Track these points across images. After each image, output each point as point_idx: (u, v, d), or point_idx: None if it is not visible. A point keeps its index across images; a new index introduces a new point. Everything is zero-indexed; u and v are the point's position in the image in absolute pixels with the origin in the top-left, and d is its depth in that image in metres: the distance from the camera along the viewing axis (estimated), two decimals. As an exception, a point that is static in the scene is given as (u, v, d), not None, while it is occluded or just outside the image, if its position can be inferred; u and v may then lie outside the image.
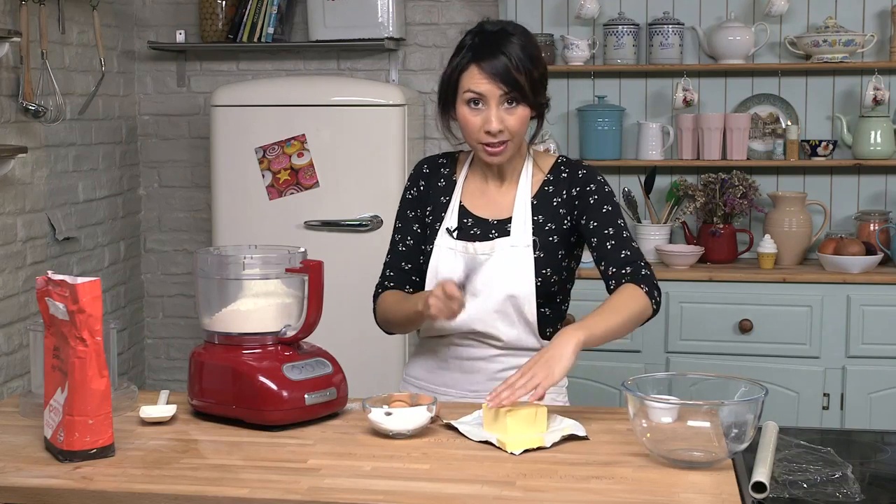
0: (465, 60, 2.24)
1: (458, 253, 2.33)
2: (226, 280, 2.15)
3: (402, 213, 2.46)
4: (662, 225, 4.16)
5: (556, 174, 2.37)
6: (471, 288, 2.22)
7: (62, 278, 1.90)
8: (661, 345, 3.85)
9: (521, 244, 2.30)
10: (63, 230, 4.00)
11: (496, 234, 2.33)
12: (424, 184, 2.44)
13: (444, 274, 2.30)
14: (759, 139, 4.22)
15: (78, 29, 4.11)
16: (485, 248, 2.31)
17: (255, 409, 2.06)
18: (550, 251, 2.31)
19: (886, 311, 3.75)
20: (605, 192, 2.34)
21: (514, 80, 2.21)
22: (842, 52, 4.01)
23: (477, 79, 2.22)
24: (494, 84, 2.21)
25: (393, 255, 2.44)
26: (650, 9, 4.25)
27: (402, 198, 2.47)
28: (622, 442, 1.98)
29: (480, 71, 2.22)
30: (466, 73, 2.24)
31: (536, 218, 2.33)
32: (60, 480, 1.80)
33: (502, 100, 2.22)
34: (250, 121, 4.09)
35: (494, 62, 2.21)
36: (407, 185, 2.47)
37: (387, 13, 4.32)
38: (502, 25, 2.28)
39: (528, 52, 2.24)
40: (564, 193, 2.34)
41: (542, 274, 2.29)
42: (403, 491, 1.74)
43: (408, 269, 2.41)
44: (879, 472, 1.98)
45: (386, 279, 2.43)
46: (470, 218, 2.36)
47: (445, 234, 2.35)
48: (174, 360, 4.81)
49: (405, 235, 2.43)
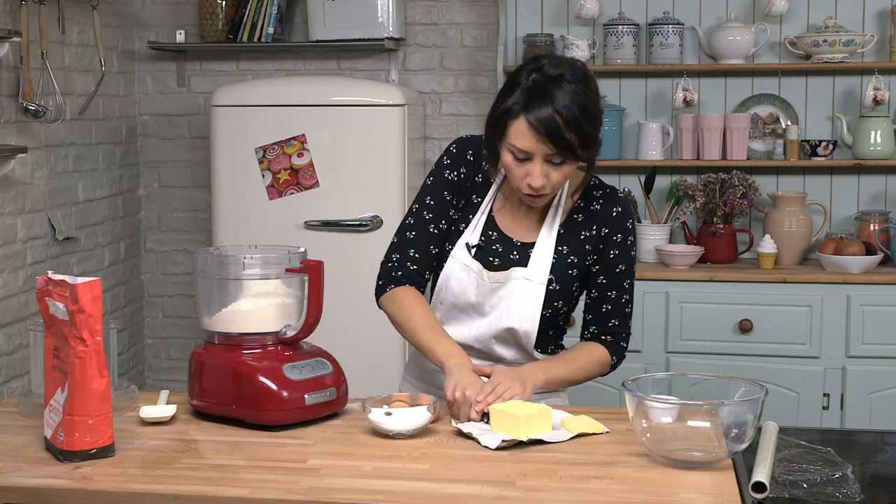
0: (516, 107, 2.09)
1: (472, 273, 2.26)
2: (226, 280, 2.15)
3: (436, 192, 2.29)
4: (662, 225, 4.16)
5: (588, 201, 2.28)
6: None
7: (62, 278, 1.90)
8: (661, 345, 3.85)
9: (535, 279, 2.23)
10: (63, 230, 4.00)
11: (516, 257, 2.25)
12: (465, 172, 2.30)
13: (455, 289, 2.26)
14: (759, 139, 4.22)
15: (78, 29, 4.11)
16: (498, 278, 2.25)
17: (255, 409, 2.06)
18: (566, 284, 2.26)
19: (886, 311, 3.75)
20: (627, 245, 2.27)
21: (563, 138, 2.07)
22: (842, 52, 4.01)
23: (524, 135, 2.09)
24: (541, 142, 2.08)
25: (420, 233, 2.28)
26: (650, 9, 4.25)
27: (439, 174, 2.30)
28: (622, 442, 1.98)
29: (528, 126, 2.08)
30: (514, 124, 2.10)
31: (561, 248, 2.26)
32: (60, 480, 1.80)
33: (549, 157, 2.11)
34: (250, 121, 4.09)
35: (545, 118, 2.06)
36: (447, 162, 2.30)
37: (387, 13, 4.32)
38: (562, 70, 2.11)
39: (581, 104, 2.08)
40: (594, 229, 2.27)
41: (553, 306, 2.25)
42: (403, 491, 1.74)
43: (434, 254, 2.29)
44: (879, 472, 1.98)
45: (408, 260, 2.28)
46: (495, 232, 2.28)
47: (464, 248, 2.27)
48: (174, 360, 4.81)
49: (439, 217, 2.28)
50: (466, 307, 2.28)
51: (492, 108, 2.17)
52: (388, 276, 2.30)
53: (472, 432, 2.00)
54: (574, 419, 2.04)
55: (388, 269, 2.31)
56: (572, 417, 2.05)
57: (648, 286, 3.84)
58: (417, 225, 2.29)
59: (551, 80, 2.10)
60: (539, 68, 2.13)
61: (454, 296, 2.28)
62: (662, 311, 3.84)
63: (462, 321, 2.29)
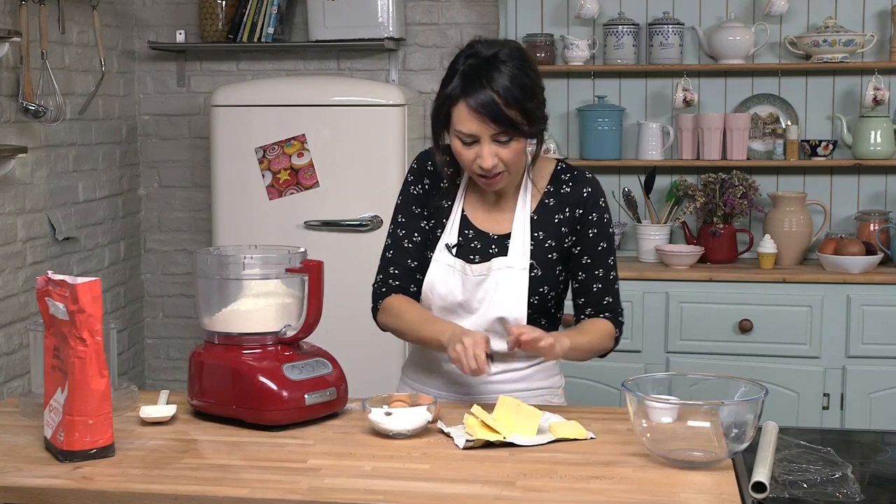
0: (454, 92, 2.14)
1: (456, 271, 2.28)
2: (226, 280, 2.15)
3: (406, 208, 2.36)
4: (662, 225, 4.16)
5: (557, 185, 2.31)
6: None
7: (62, 278, 1.90)
8: (661, 345, 3.85)
9: (517, 266, 2.25)
10: (63, 230, 4.00)
11: (495, 250, 2.28)
12: (429, 182, 2.35)
13: (441, 291, 2.28)
14: (759, 139, 4.22)
15: (78, 29, 4.11)
16: (482, 270, 2.27)
17: (255, 409, 2.06)
18: (548, 268, 2.28)
19: (886, 311, 3.74)
20: (604, 222, 2.30)
21: (505, 116, 2.10)
22: (842, 52, 4.01)
23: (466, 118, 2.12)
24: (484, 123, 2.11)
25: (397, 251, 2.34)
26: (650, 9, 4.24)
27: (406, 192, 2.36)
28: (622, 442, 1.98)
29: (469, 109, 2.11)
30: (455, 110, 2.14)
31: (536, 234, 2.28)
32: (60, 480, 1.80)
33: (494, 137, 2.13)
34: (250, 121, 4.09)
35: (483, 99, 2.10)
36: (410, 178, 2.36)
37: (387, 13, 4.32)
38: (495, 49, 2.15)
39: (519, 82, 2.11)
40: (567, 211, 2.29)
41: (538, 292, 2.26)
42: (403, 491, 1.74)
43: (413, 267, 2.33)
44: (879, 472, 1.98)
45: (390, 277, 2.34)
46: (471, 230, 2.31)
47: (445, 249, 2.29)
48: (174, 360, 4.81)
49: (412, 231, 2.34)
50: (455, 307, 2.29)
51: (434, 100, 2.22)
52: (376, 297, 2.38)
53: (450, 432, 2.00)
54: (562, 424, 2.03)
55: (375, 291, 2.39)
56: (561, 422, 2.04)
57: (648, 286, 3.84)
58: (394, 244, 2.36)
59: (486, 61, 2.14)
60: (474, 53, 2.17)
61: (441, 297, 2.29)
62: (662, 311, 3.83)
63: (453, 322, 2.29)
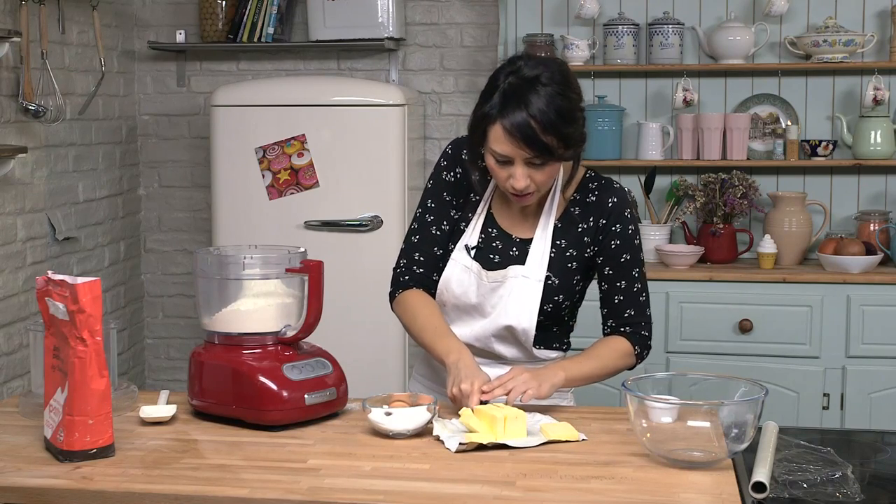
0: (492, 112, 2.08)
1: (472, 274, 2.27)
2: (226, 280, 2.15)
3: (436, 194, 2.31)
4: (662, 225, 4.16)
5: (584, 194, 2.27)
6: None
7: (62, 278, 1.90)
8: (661, 345, 3.85)
9: (533, 277, 2.23)
10: (63, 230, 4.00)
11: (515, 253, 2.26)
12: (462, 171, 2.29)
13: (456, 291, 2.27)
14: (759, 139, 4.22)
15: (78, 29, 4.11)
16: (497, 277, 2.25)
17: (255, 409, 2.06)
18: (566, 277, 2.25)
19: (886, 311, 3.74)
20: (629, 233, 2.26)
21: (541, 142, 2.05)
22: (842, 52, 4.01)
23: (501, 139, 2.08)
24: (518, 147, 2.06)
25: (423, 236, 2.30)
26: (650, 9, 4.24)
27: (438, 177, 2.32)
28: (622, 442, 1.98)
29: (504, 131, 2.06)
30: (492, 129, 2.09)
31: (559, 242, 2.25)
32: (60, 480, 1.80)
33: (528, 161, 2.09)
34: (250, 121, 4.09)
35: (519, 122, 2.04)
36: (444, 164, 2.31)
37: (387, 13, 4.32)
38: (538, 71, 2.08)
39: (557, 106, 2.05)
40: (591, 221, 2.26)
41: (553, 301, 2.24)
42: (403, 491, 1.74)
43: (439, 255, 2.30)
44: (879, 472, 1.98)
45: (414, 263, 2.31)
46: (495, 229, 2.28)
47: (464, 250, 2.28)
48: (174, 360, 4.81)
49: (440, 218, 2.30)
50: (468, 308, 2.29)
51: (472, 112, 2.16)
52: (397, 282, 2.35)
53: (440, 435, 1.99)
54: (553, 425, 2.03)
55: (397, 276, 2.35)
56: (553, 424, 2.04)
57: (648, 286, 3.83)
58: (421, 229, 2.32)
59: (527, 82, 2.07)
60: (515, 71, 2.10)
61: (455, 297, 2.29)
62: (662, 311, 3.83)
63: (464, 321, 2.31)
